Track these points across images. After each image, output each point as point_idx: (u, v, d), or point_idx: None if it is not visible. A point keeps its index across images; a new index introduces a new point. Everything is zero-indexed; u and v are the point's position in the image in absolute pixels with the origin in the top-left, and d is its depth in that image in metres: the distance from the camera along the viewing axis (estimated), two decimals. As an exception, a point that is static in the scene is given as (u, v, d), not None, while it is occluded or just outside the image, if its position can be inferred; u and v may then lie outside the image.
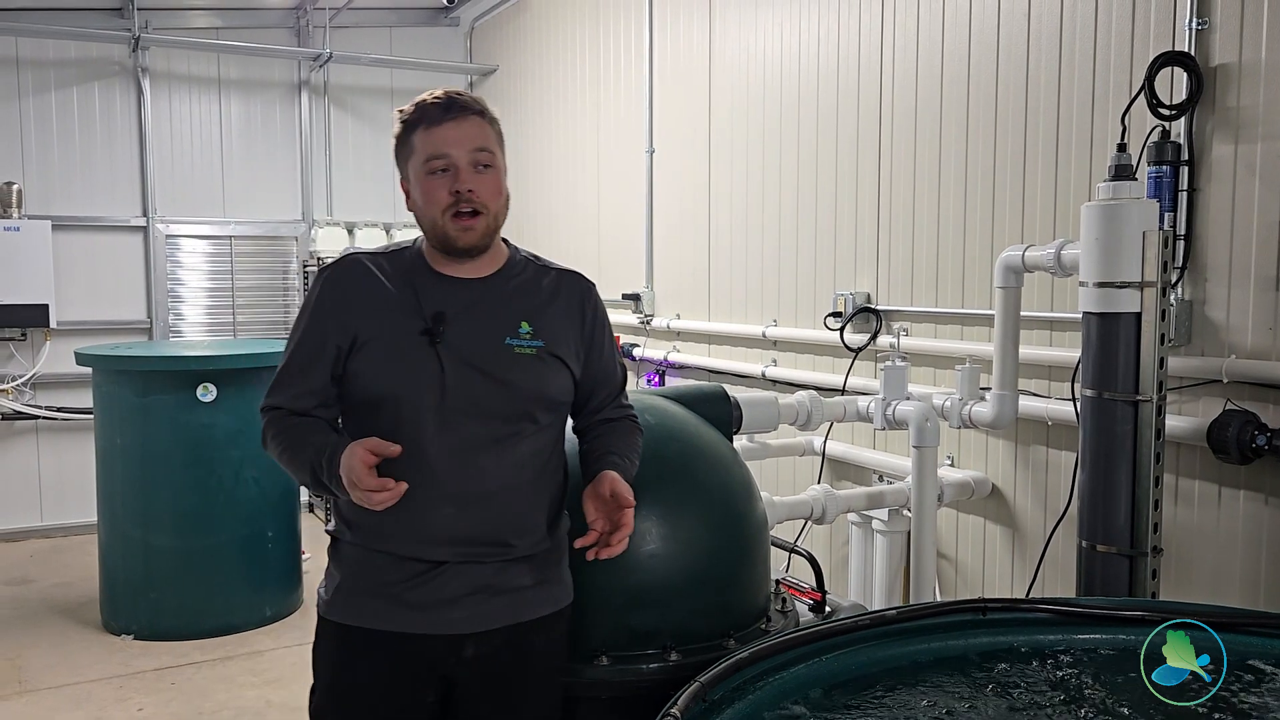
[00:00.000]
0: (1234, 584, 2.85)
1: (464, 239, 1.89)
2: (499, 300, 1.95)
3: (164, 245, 7.21)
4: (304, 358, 1.93)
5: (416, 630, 1.90)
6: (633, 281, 5.75)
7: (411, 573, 1.89)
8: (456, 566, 1.89)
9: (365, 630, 1.91)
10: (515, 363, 1.91)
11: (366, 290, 1.91)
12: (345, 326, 1.89)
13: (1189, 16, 2.85)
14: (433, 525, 1.87)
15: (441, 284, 1.93)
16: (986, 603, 1.97)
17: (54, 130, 6.92)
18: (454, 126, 1.89)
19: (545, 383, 1.94)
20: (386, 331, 1.88)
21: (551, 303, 2.00)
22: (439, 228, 1.89)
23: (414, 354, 1.87)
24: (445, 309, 1.89)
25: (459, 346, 1.88)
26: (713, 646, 2.11)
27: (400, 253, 1.98)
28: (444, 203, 1.87)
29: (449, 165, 1.87)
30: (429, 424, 1.86)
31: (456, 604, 1.90)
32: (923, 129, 3.79)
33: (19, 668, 4.62)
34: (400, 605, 1.89)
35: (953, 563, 3.79)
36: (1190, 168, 2.88)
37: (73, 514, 6.87)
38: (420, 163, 1.89)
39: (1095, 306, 2.60)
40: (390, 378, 1.87)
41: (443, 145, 1.88)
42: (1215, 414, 2.78)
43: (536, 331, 1.94)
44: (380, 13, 7.69)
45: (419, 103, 1.93)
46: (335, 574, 1.97)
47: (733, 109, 4.89)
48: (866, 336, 4.03)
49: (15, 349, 6.81)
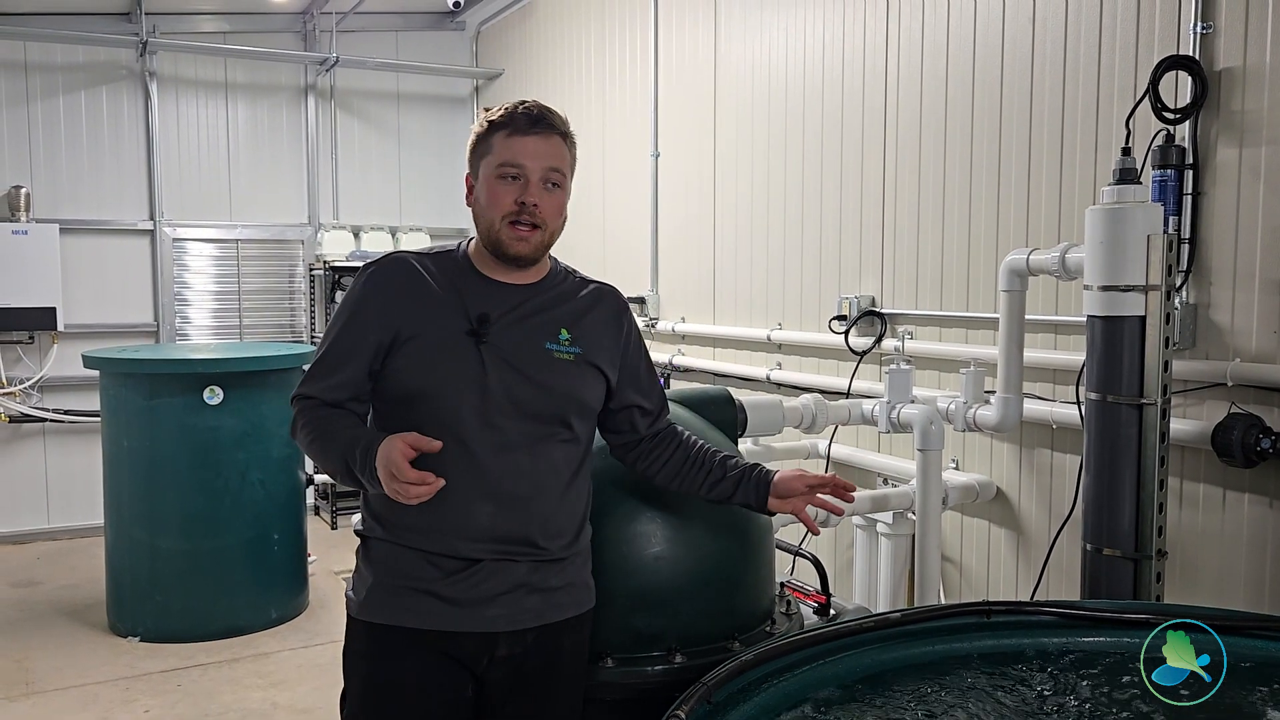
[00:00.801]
0: (1239, 587, 2.85)
1: (516, 248, 1.92)
2: (541, 307, 1.98)
3: (171, 249, 7.23)
4: (342, 350, 1.94)
5: (454, 628, 1.91)
6: (638, 285, 5.76)
7: (448, 570, 1.90)
8: (493, 564, 1.91)
9: (402, 629, 1.92)
10: (554, 367, 1.95)
11: (412, 288, 1.93)
12: (388, 323, 1.91)
13: (1193, 20, 2.85)
14: (473, 522, 1.90)
15: (487, 287, 1.96)
16: (991, 605, 1.97)
17: (62, 134, 6.95)
18: (538, 140, 1.92)
19: (581, 388, 1.98)
20: (431, 330, 1.90)
21: (589, 313, 2.04)
22: (494, 231, 1.92)
23: (458, 352, 1.89)
24: (490, 311, 1.92)
25: (501, 348, 1.91)
26: (718, 649, 2.11)
27: (446, 254, 2.00)
28: (507, 209, 1.90)
29: (521, 175, 1.91)
30: (471, 422, 1.88)
31: (493, 601, 1.92)
32: (927, 132, 3.79)
33: (26, 669, 4.64)
34: (438, 602, 1.90)
35: (957, 566, 3.78)
36: (1195, 171, 2.88)
37: (80, 516, 6.90)
38: (494, 165, 1.92)
39: (1100, 310, 2.61)
40: (434, 375, 1.89)
41: (521, 155, 1.91)
42: (1220, 417, 2.78)
43: (575, 339, 1.98)
44: (386, 17, 7.72)
45: (510, 108, 1.95)
46: (366, 573, 1.97)
47: (738, 112, 4.90)
48: (871, 340, 4.03)
49: (23, 352, 6.84)
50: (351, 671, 2.00)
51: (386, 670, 1.94)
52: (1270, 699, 1.68)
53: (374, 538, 1.97)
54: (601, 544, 2.14)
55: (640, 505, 2.17)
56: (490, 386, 1.89)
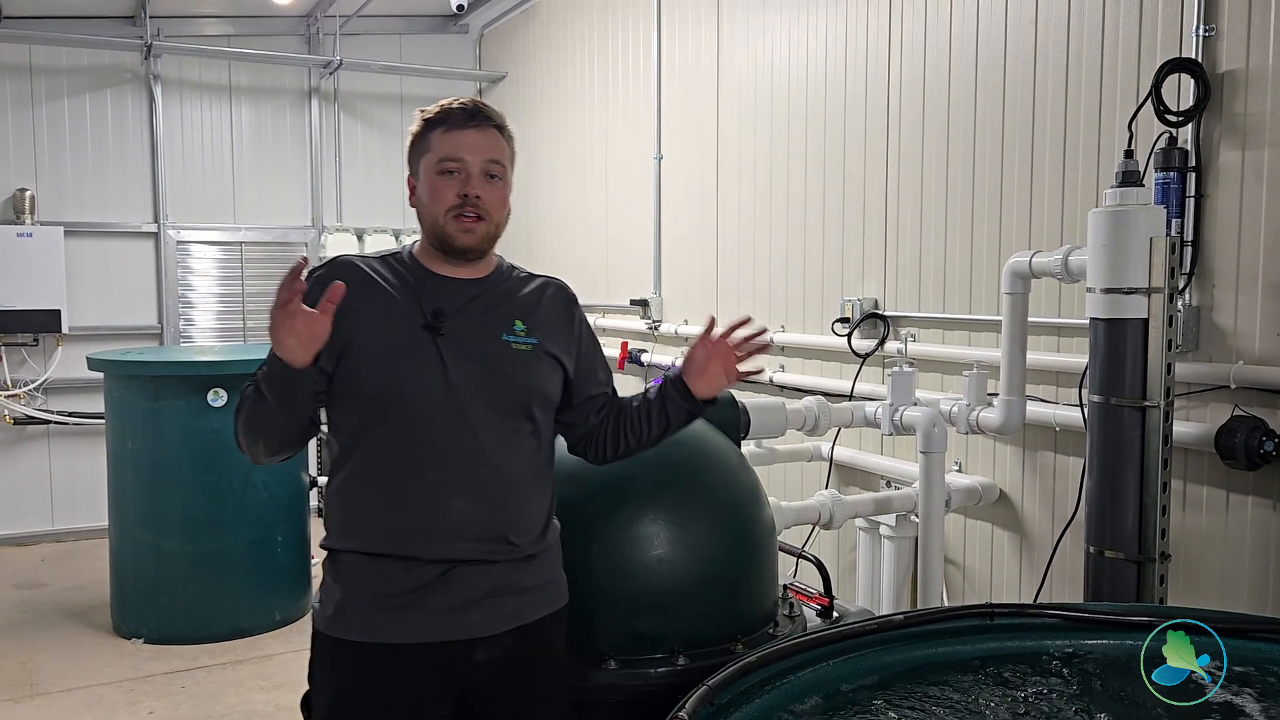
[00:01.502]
0: (1242, 589, 2.84)
1: (463, 240, 1.92)
2: (493, 299, 1.99)
3: (175, 251, 7.24)
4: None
5: (431, 638, 1.88)
6: (641, 287, 5.77)
7: (423, 579, 1.87)
8: (468, 569, 1.89)
9: (377, 645, 1.88)
10: (512, 358, 1.95)
11: (361, 290, 1.91)
12: (338, 326, 1.85)
13: (1196, 23, 2.86)
14: (447, 520, 1.88)
15: (438, 283, 1.96)
16: (994, 608, 1.98)
17: (67, 137, 6.97)
18: (475, 134, 1.93)
19: (542, 378, 1.98)
20: (386, 328, 1.89)
21: (540, 304, 2.04)
22: (439, 226, 1.92)
23: (417, 349, 1.89)
24: (443, 305, 1.92)
25: (459, 341, 1.91)
26: (720, 651, 2.12)
27: (394, 256, 2.01)
28: (450, 203, 1.91)
29: (461, 169, 1.92)
30: (438, 416, 1.87)
31: (470, 608, 1.90)
32: (930, 135, 3.80)
33: (30, 671, 4.65)
34: (414, 613, 1.87)
35: (960, 568, 3.78)
36: (1197, 174, 2.88)
37: (84, 518, 6.90)
38: (434, 161, 1.93)
39: (1103, 312, 2.61)
40: (395, 373, 1.88)
41: (459, 149, 1.92)
42: (1223, 420, 2.78)
43: (530, 329, 1.98)
44: (390, 20, 7.73)
45: (444, 105, 1.97)
46: (335, 588, 1.92)
47: (740, 115, 4.90)
48: (874, 342, 4.03)
49: (27, 354, 6.86)
50: (320, 688, 1.96)
51: (357, 689, 1.89)
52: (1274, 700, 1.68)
53: (342, 550, 1.93)
54: (604, 546, 2.15)
55: (643, 507, 2.18)
56: (453, 379, 1.88)
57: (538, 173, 7.01)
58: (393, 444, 1.88)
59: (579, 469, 2.22)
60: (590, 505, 2.19)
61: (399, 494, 1.88)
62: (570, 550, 2.16)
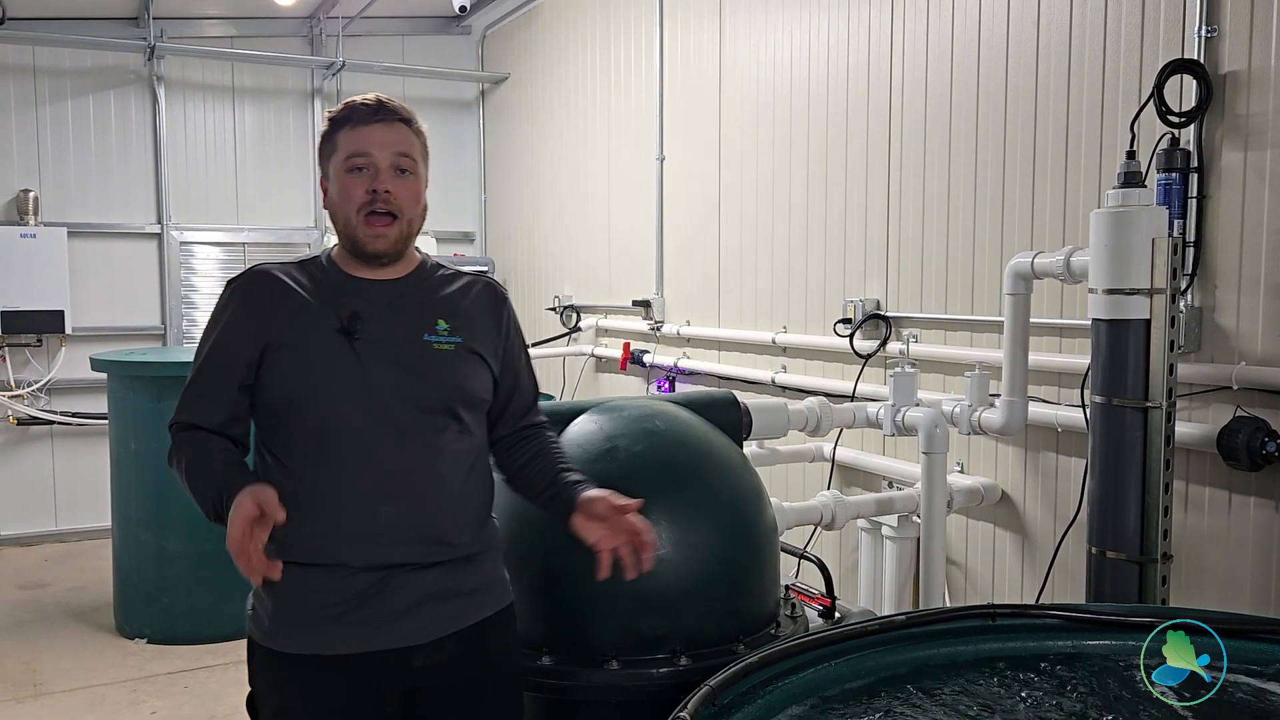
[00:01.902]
0: (1245, 590, 2.84)
1: (374, 245, 1.89)
2: (415, 299, 1.96)
3: (178, 252, 7.26)
4: (212, 371, 1.90)
5: (365, 649, 1.86)
6: (643, 288, 5.77)
7: (356, 588, 1.85)
8: (401, 577, 1.87)
9: (310, 656, 1.86)
10: (435, 357, 1.92)
11: (278, 297, 1.90)
12: (255, 335, 1.86)
13: (1198, 24, 2.85)
14: (373, 525, 1.85)
15: (356, 286, 1.93)
16: (996, 609, 1.97)
17: (70, 138, 6.98)
18: (380, 129, 1.90)
19: (466, 378, 1.95)
20: (303, 335, 1.87)
21: (465, 302, 2.00)
22: (351, 226, 1.89)
23: (333, 353, 1.86)
24: (360, 308, 1.89)
25: (377, 343, 1.88)
26: (722, 651, 2.12)
27: (312, 261, 1.99)
28: (360, 200, 1.88)
29: (369, 165, 1.88)
30: (361, 420, 1.85)
31: (404, 616, 1.87)
32: (932, 136, 3.80)
33: (34, 671, 4.66)
34: (346, 625, 1.85)
35: (962, 569, 3.78)
36: (1200, 175, 2.88)
37: (87, 518, 6.92)
38: (342, 159, 1.90)
39: (1105, 313, 2.61)
40: (313, 379, 1.85)
41: (366, 144, 1.88)
42: (1225, 420, 2.78)
43: (454, 328, 1.95)
44: (393, 21, 7.74)
45: (349, 103, 1.94)
46: (266, 598, 1.90)
47: (743, 116, 4.91)
48: (876, 343, 4.03)
49: (31, 355, 6.87)
50: (264, 698, 1.95)
51: (300, 700, 1.89)
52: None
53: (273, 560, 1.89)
54: (607, 546, 2.14)
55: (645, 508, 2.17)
56: (373, 382, 1.86)
57: (540, 174, 7.01)
58: (316, 451, 1.86)
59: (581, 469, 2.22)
60: (592, 506, 2.18)
61: (325, 502, 1.85)
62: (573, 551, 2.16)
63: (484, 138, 8.05)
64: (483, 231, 8.08)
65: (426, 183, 1.98)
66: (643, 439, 2.27)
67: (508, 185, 7.64)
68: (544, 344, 6.59)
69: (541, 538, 2.19)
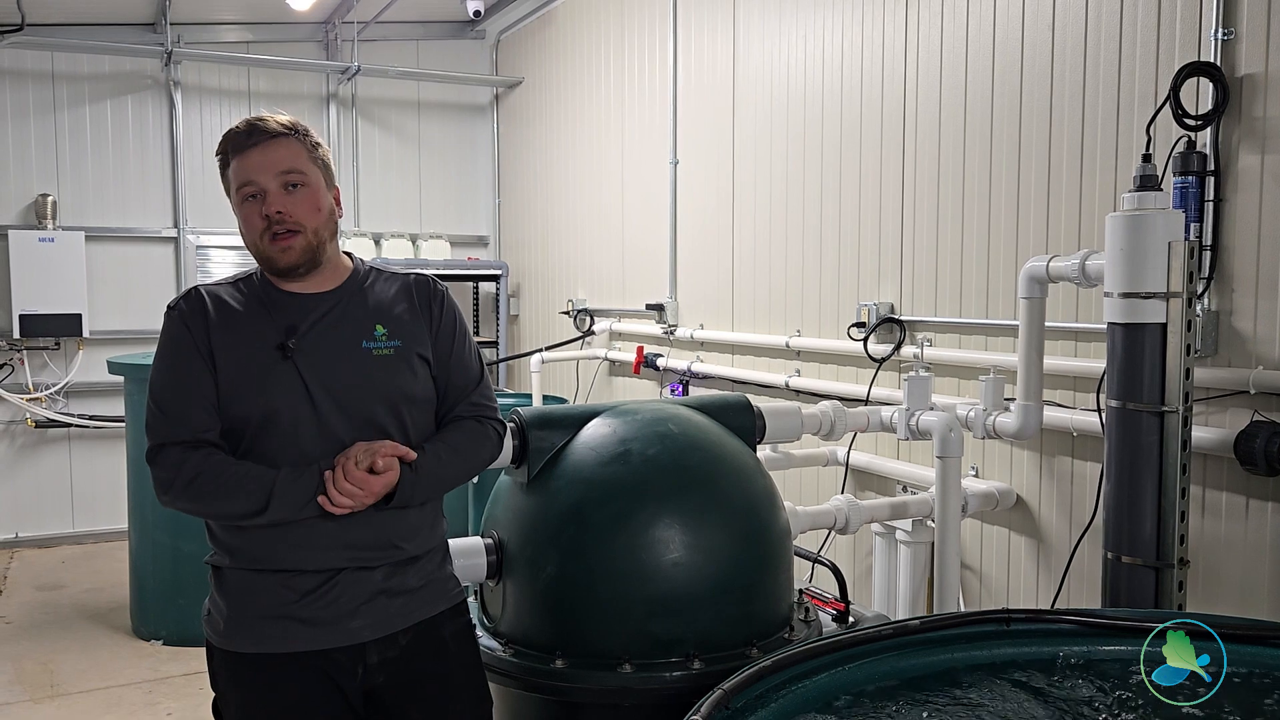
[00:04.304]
0: (1262, 596, 2.82)
1: (283, 259, 1.93)
2: (350, 308, 1.99)
3: (194, 256, 7.31)
4: (184, 390, 1.90)
5: (318, 646, 1.91)
6: (656, 292, 5.78)
7: (305, 589, 1.91)
8: (350, 575, 1.92)
9: (267, 655, 1.91)
10: (375, 364, 1.96)
11: (216, 316, 1.93)
12: (206, 353, 1.91)
13: (1214, 27, 2.84)
14: (322, 531, 1.90)
15: (292, 301, 1.96)
16: (1010, 613, 1.97)
17: (88, 143, 7.04)
18: (258, 152, 1.92)
19: (407, 380, 1.99)
20: (243, 352, 1.91)
21: (399, 304, 2.03)
22: (261, 251, 1.94)
23: (274, 369, 1.90)
24: (296, 322, 1.93)
25: (315, 355, 1.92)
26: (736, 655, 2.12)
27: (245, 280, 2.02)
28: (259, 227, 1.93)
29: (257, 191, 1.92)
30: (303, 432, 1.89)
31: (355, 613, 1.93)
32: (946, 139, 3.79)
33: (51, 671, 4.69)
34: (298, 623, 1.90)
35: (977, 574, 3.77)
36: (1216, 178, 2.86)
37: (104, 521, 6.97)
38: (235, 191, 1.94)
39: (1120, 317, 2.59)
40: (257, 396, 1.89)
41: (249, 172, 1.92)
42: (1242, 425, 2.76)
43: (392, 333, 1.99)
44: (407, 26, 7.77)
45: (226, 134, 1.97)
46: (221, 602, 1.96)
47: (756, 119, 4.90)
48: (890, 347, 4.02)
49: (49, 358, 6.93)
50: (226, 701, 1.98)
51: (260, 700, 1.93)
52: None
53: (225, 567, 1.97)
54: (620, 550, 2.15)
55: (659, 512, 2.18)
56: (313, 394, 1.90)
57: (554, 178, 7.03)
58: (265, 464, 1.89)
59: (595, 473, 2.23)
60: (606, 509, 2.19)
61: None
62: (587, 554, 2.16)
63: (498, 142, 8.07)
64: (496, 236, 8.10)
65: (325, 186, 1.99)
66: (656, 442, 2.28)
67: (522, 189, 7.66)
68: (557, 348, 6.60)
69: (553, 541, 2.20)
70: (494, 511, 2.40)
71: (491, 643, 2.26)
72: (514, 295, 7.76)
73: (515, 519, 2.30)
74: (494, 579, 2.31)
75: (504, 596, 2.29)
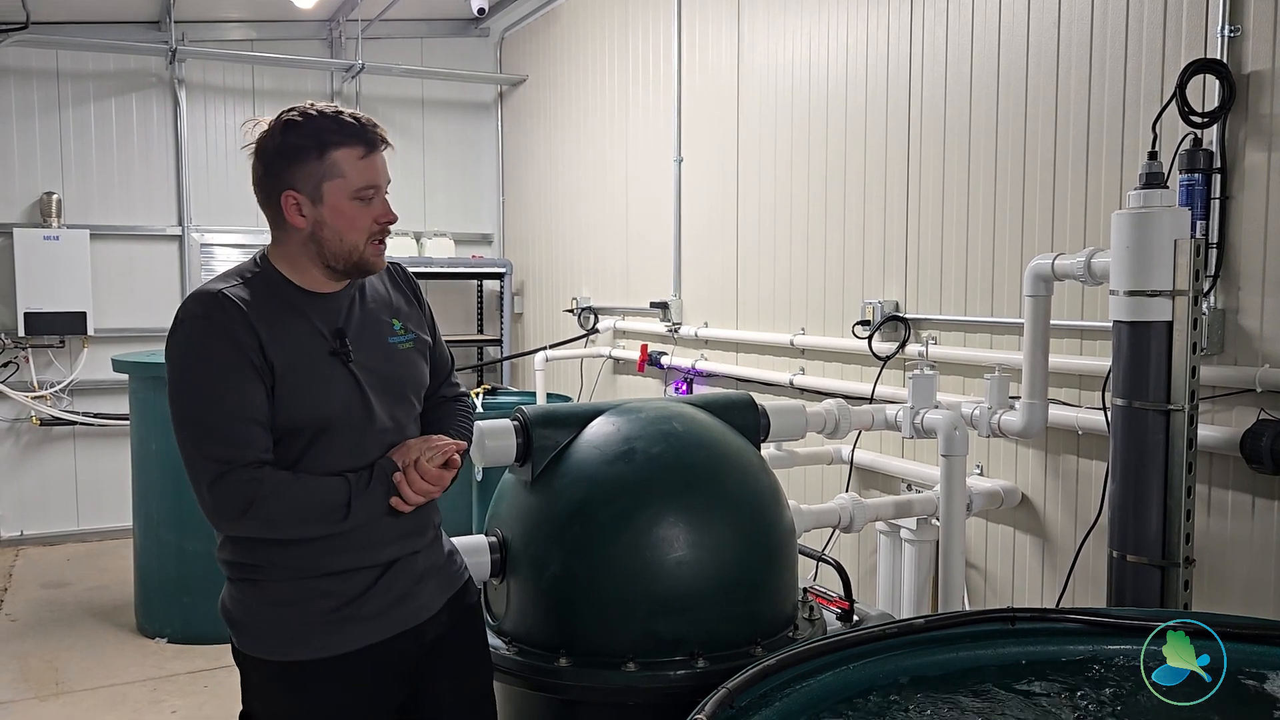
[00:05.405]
0: (1269, 595, 2.81)
1: (378, 263, 1.95)
2: (368, 306, 2.01)
3: (199, 254, 7.32)
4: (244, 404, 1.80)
5: (383, 636, 1.95)
6: (660, 290, 5.77)
7: (362, 585, 1.93)
8: (401, 563, 1.98)
9: (328, 659, 1.90)
10: (402, 358, 2.01)
11: (259, 322, 1.82)
12: (261, 364, 1.81)
13: (1221, 24, 2.83)
14: (381, 530, 1.94)
15: (319, 302, 1.93)
16: (1015, 612, 1.96)
17: (93, 141, 7.05)
18: (379, 157, 1.92)
19: (422, 371, 2.06)
20: (297, 358, 1.85)
21: (395, 296, 2.07)
22: (356, 251, 1.90)
23: (331, 374, 1.89)
24: (337, 324, 1.92)
25: (363, 358, 1.93)
26: (740, 654, 2.12)
27: (253, 280, 1.89)
28: (369, 230, 1.90)
29: (374, 194, 1.91)
30: (360, 435, 1.91)
31: (409, 597, 1.99)
32: (951, 137, 3.78)
33: (56, 669, 4.70)
34: (359, 621, 1.92)
35: (982, 572, 3.76)
36: (1222, 175, 2.85)
37: (109, 518, 6.98)
38: (352, 189, 1.86)
39: (1126, 315, 2.59)
40: (317, 402, 1.86)
41: (374, 175, 1.90)
42: (1249, 424, 2.75)
43: (405, 326, 2.04)
44: (411, 24, 7.78)
45: (350, 123, 1.86)
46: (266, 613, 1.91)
47: (761, 117, 4.90)
48: (895, 345, 4.02)
49: (54, 356, 6.94)
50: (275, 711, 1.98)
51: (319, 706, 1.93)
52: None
53: (262, 580, 1.91)
54: (624, 549, 2.15)
55: (663, 510, 2.18)
56: (369, 400, 1.92)
57: (558, 175, 7.02)
58: (325, 470, 1.88)
59: (599, 472, 2.23)
60: (610, 508, 2.19)
61: None
62: (590, 552, 2.16)
63: (502, 140, 8.07)
64: (501, 234, 8.10)
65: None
66: (660, 441, 2.27)
67: (526, 187, 7.65)
68: (562, 345, 6.60)
69: (557, 540, 2.19)
70: (497, 510, 2.40)
71: (495, 641, 2.26)
72: (518, 293, 7.77)
73: (519, 517, 2.30)
74: (498, 577, 2.31)
75: (508, 595, 2.29)
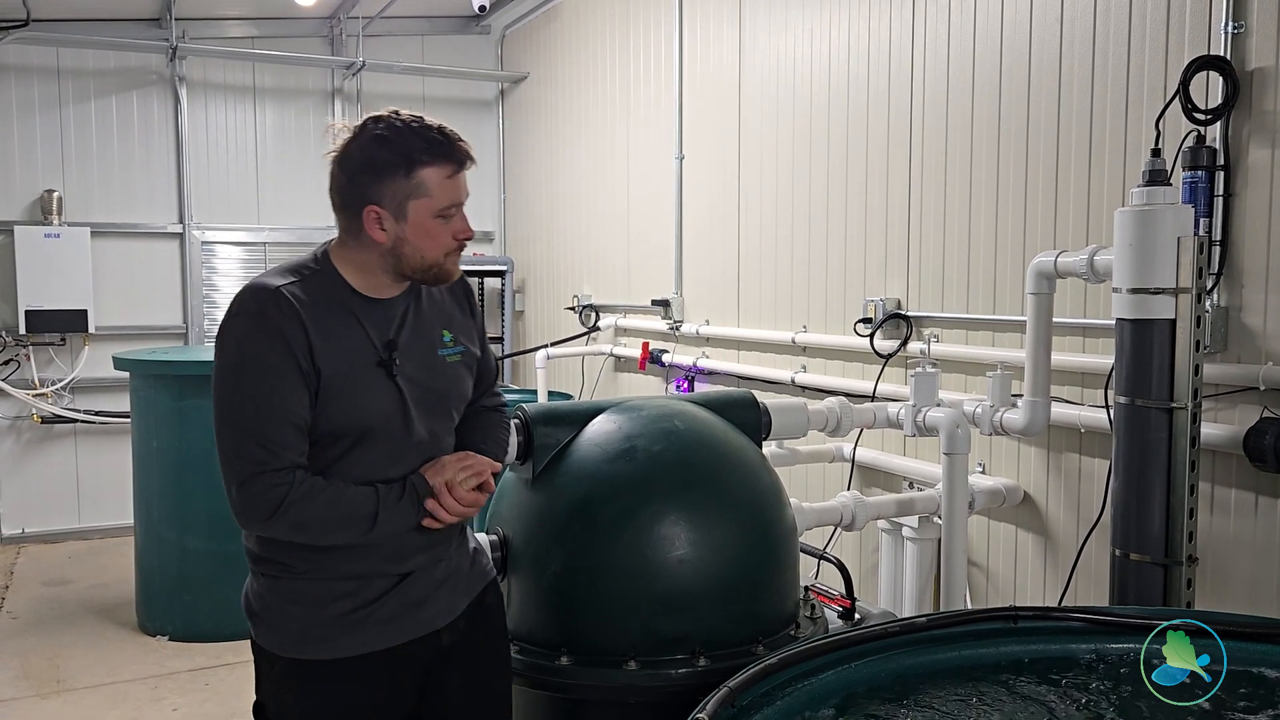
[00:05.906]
0: (1272, 593, 2.81)
1: (456, 273, 1.98)
2: (422, 315, 1.99)
3: (200, 251, 7.31)
4: (287, 406, 1.79)
5: (399, 640, 1.94)
6: (662, 287, 5.76)
7: (378, 591, 1.92)
8: (418, 572, 1.96)
9: (345, 659, 1.90)
10: (448, 370, 2.00)
11: (311, 323, 1.81)
12: (309, 366, 1.80)
13: (1224, 20, 2.82)
14: (409, 542, 1.94)
15: (375, 309, 1.92)
16: (1018, 611, 1.96)
17: (93, 138, 7.04)
18: (464, 176, 1.93)
19: (467, 384, 2.06)
20: (345, 364, 1.84)
21: (452, 306, 2.07)
22: (438, 265, 1.91)
23: (376, 384, 1.88)
24: (388, 335, 1.91)
25: (409, 370, 1.92)
26: (741, 652, 2.11)
27: (310, 279, 1.87)
28: (449, 246, 1.92)
29: (458, 211, 1.92)
30: (398, 445, 1.91)
31: (427, 602, 1.98)
32: (954, 133, 3.77)
33: (58, 667, 4.70)
34: (375, 624, 1.92)
35: (984, 571, 3.76)
36: (1226, 172, 2.84)
37: (110, 516, 6.98)
38: (437, 207, 1.86)
39: (1129, 313, 2.58)
40: (358, 410, 1.85)
41: (461, 193, 1.91)
42: (1252, 421, 2.75)
43: (455, 338, 2.03)
44: (412, 21, 7.77)
45: (441, 141, 1.87)
46: (290, 610, 1.91)
47: (762, 115, 4.89)
48: (897, 343, 4.01)
49: (55, 353, 6.94)
50: (285, 706, 1.96)
51: (333, 704, 1.93)
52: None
53: (289, 577, 1.92)
54: (625, 548, 2.14)
55: (664, 508, 2.17)
56: (411, 412, 1.91)
57: (559, 173, 7.02)
58: (358, 477, 1.88)
59: (600, 470, 2.22)
60: (611, 506, 2.19)
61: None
62: (592, 551, 2.16)
63: (503, 137, 8.07)
64: (502, 231, 8.09)
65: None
66: (662, 439, 2.27)
67: (527, 185, 7.65)
68: (563, 343, 6.59)
69: (558, 538, 2.19)
70: (499, 508, 2.40)
71: (496, 639, 2.25)
72: (519, 291, 7.76)
73: (520, 516, 2.30)
74: (499, 576, 2.30)
75: (509, 593, 2.29)
